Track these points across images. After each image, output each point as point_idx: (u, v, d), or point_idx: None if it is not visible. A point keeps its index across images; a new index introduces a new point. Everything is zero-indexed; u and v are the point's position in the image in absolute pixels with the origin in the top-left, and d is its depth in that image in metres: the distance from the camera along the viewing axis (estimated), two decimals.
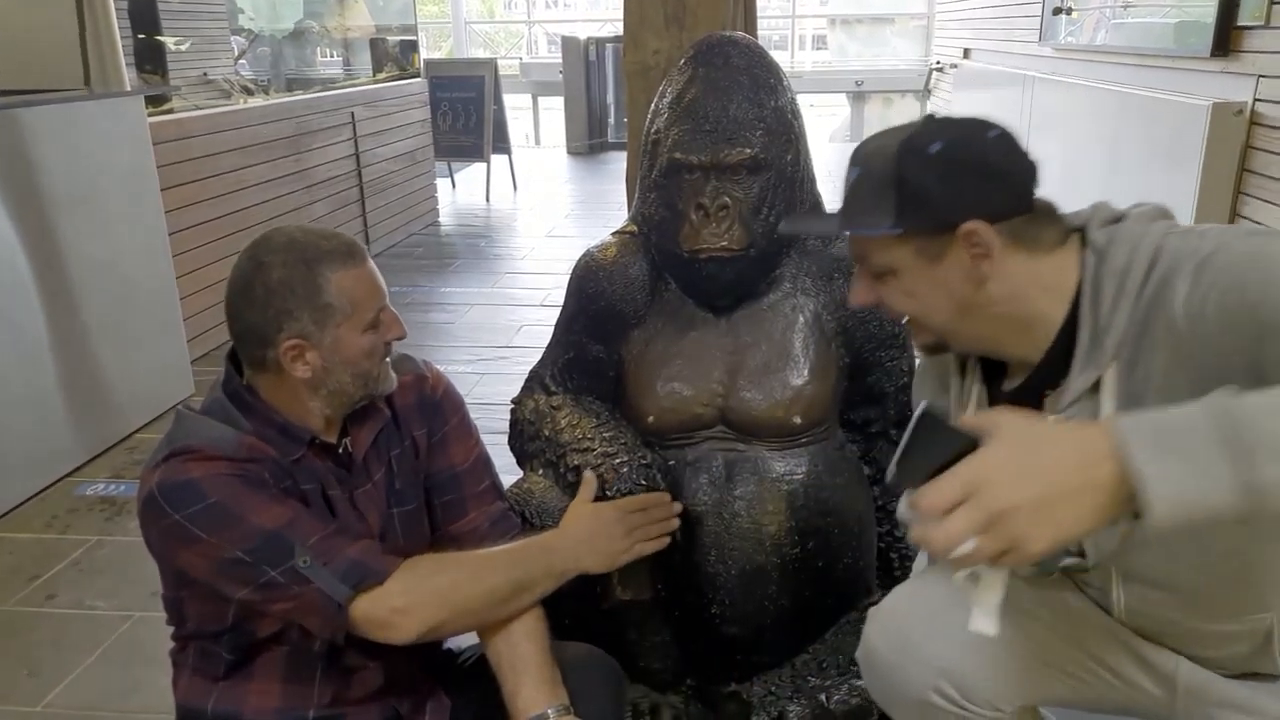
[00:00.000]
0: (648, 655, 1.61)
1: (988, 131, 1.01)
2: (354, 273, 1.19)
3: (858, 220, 1.04)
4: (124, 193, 3.11)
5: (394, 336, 1.24)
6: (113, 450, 3.04)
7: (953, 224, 0.99)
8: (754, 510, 1.52)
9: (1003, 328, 1.05)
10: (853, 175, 1.06)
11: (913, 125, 1.03)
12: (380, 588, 1.14)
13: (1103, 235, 1.02)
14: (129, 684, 1.94)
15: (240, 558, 1.10)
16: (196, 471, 1.11)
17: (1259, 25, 3.56)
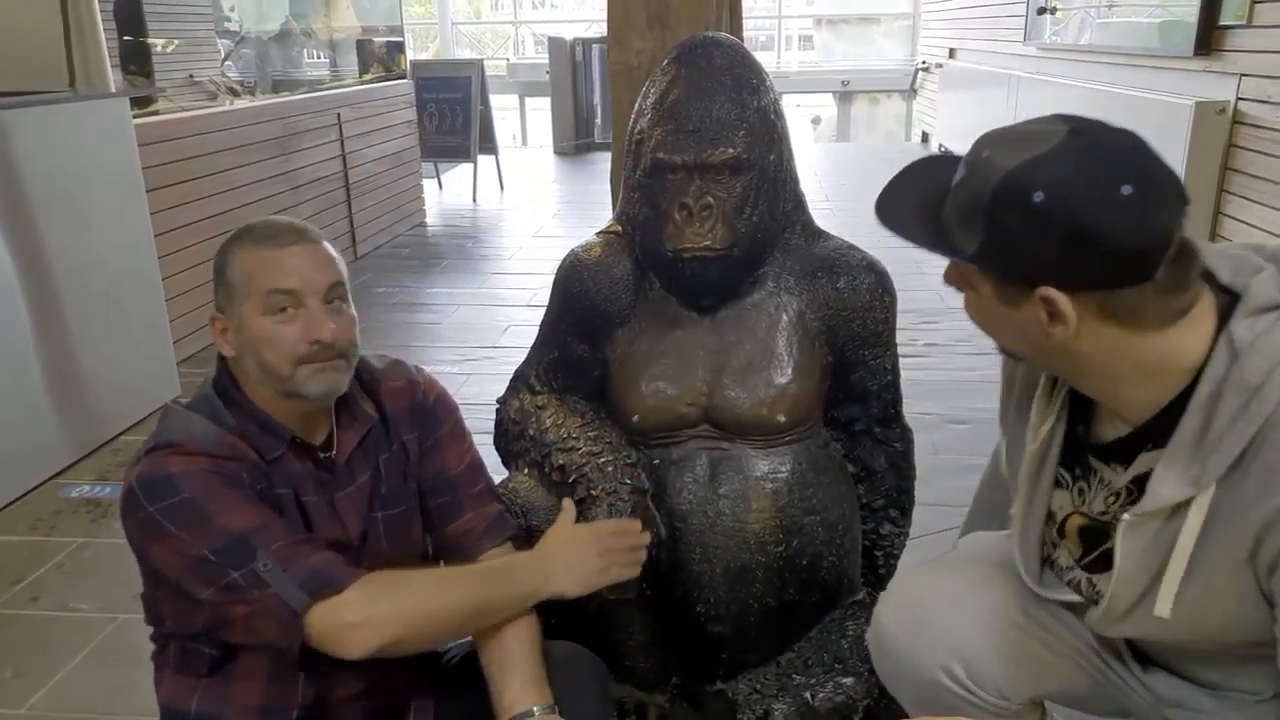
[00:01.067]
0: (633, 654, 1.61)
1: (1120, 187, 0.84)
2: (259, 253, 1.18)
3: (942, 235, 0.96)
4: (109, 194, 3.10)
5: (305, 336, 1.16)
6: (98, 452, 3.03)
7: (1032, 283, 0.90)
8: (738, 509, 1.53)
9: (1088, 378, 0.98)
10: (961, 173, 0.95)
11: (1045, 140, 0.88)
12: (338, 597, 1.11)
13: (1248, 331, 0.89)
14: (114, 686, 1.93)
15: (206, 556, 1.09)
16: (174, 467, 1.11)
17: (1241, 25, 3.59)
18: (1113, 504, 1.04)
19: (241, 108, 4.55)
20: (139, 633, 2.06)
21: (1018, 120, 0.95)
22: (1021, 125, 0.94)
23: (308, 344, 1.16)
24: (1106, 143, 0.88)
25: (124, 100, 3.21)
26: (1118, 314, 0.89)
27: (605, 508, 1.48)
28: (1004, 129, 0.95)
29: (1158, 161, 0.88)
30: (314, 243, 1.20)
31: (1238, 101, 3.61)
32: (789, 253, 1.59)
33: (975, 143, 0.96)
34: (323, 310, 1.18)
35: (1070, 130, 0.88)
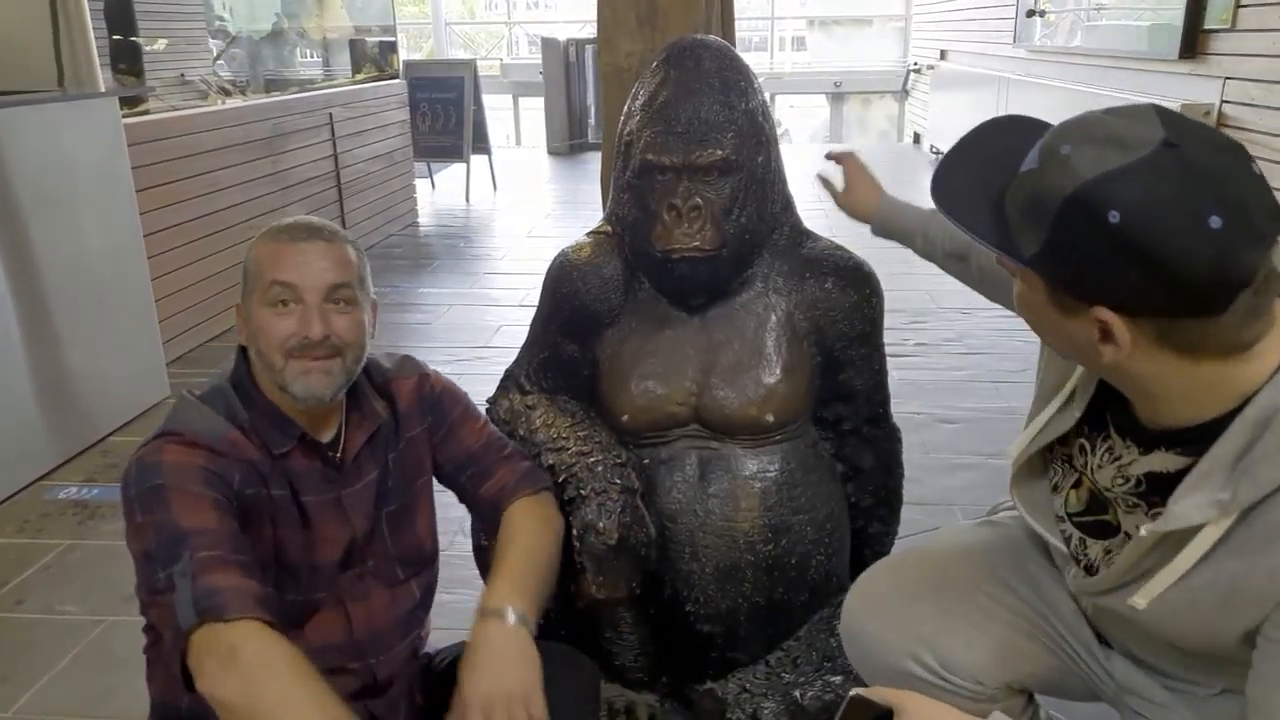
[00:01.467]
0: (623, 653, 1.62)
1: (1208, 219, 0.77)
2: (272, 246, 1.20)
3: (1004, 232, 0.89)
4: (98, 194, 3.09)
5: (295, 332, 1.16)
6: (86, 454, 3.01)
7: (1089, 300, 0.85)
8: (727, 508, 1.54)
9: (1127, 387, 0.94)
10: (1033, 162, 0.87)
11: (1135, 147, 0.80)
12: (222, 626, 1.01)
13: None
14: (100, 689, 1.93)
15: (150, 550, 1.07)
16: (169, 455, 1.12)
17: (1224, 29, 3.62)
18: (1119, 486, 1.02)
19: (232, 107, 4.54)
20: (126, 636, 2.07)
21: None
22: (1113, 119, 0.84)
23: (297, 339, 1.17)
24: (1202, 162, 0.79)
25: (113, 100, 3.20)
26: (1177, 343, 0.84)
27: (595, 507, 1.48)
28: (1094, 119, 0.85)
29: (1256, 187, 0.80)
30: (328, 242, 1.21)
31: (1222, 104, 3.64)
32: (777, 253, 1.60)
33: (1058, 130, 0.87)
34: (320, 308, 1.18)
35: (1165, 141, 0.79)
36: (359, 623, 1.28)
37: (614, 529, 1.47)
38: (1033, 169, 0.86)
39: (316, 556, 1.25)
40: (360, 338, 1.23)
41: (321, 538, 1.25)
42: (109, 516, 2.62)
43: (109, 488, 2.78)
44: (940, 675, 1.24)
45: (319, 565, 1.26)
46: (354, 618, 1.28)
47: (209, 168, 4.05)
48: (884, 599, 1.31)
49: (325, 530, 1.25)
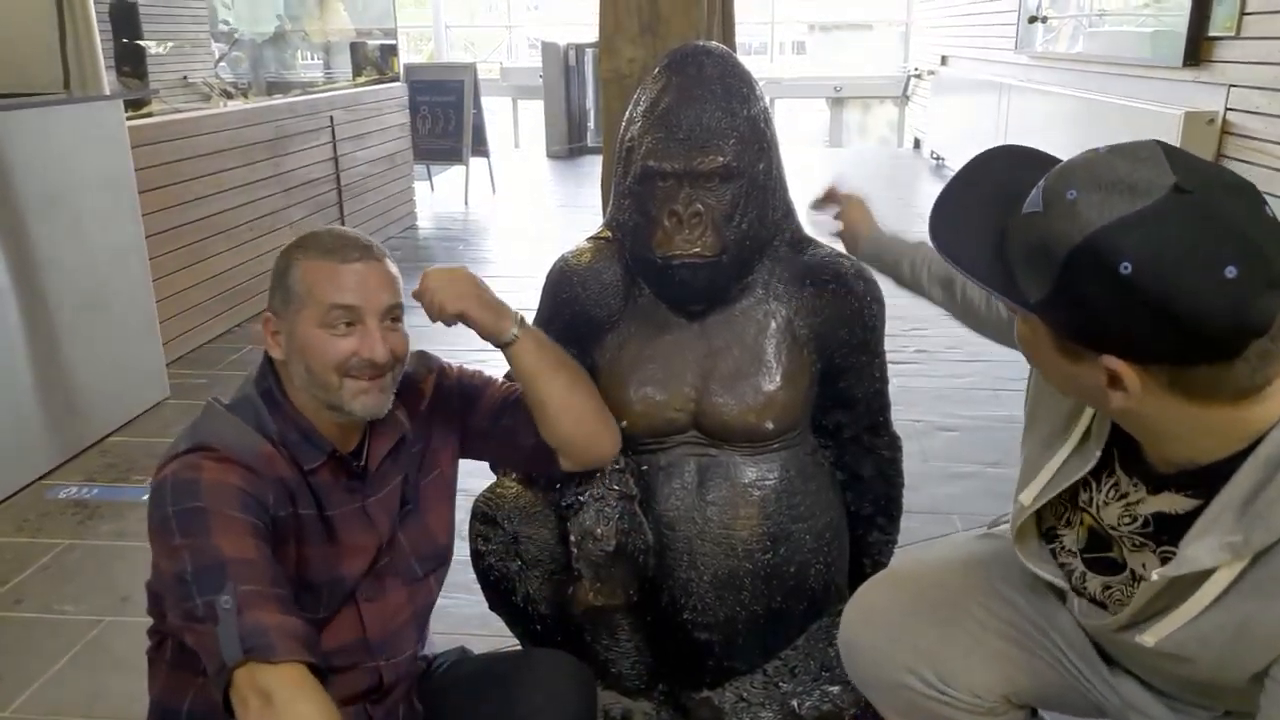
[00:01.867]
0: (619, 661, 1.61)
1: (1224, 268, 0.75)
2: (324, 265, 1.20)
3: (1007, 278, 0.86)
4: (101, 196, 3.09)
5: (358, 352, 1.18)
6: (85, 454, 3.01)
7: (1097, 349, 0.83)
8: (726, 515, 1.53)
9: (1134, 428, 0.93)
10: (1036, 205, 0.84)
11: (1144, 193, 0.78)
12: (268, 667, 1.02)
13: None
14: (97, 689, 1.92)
15: (185, 574, 1.07)
16: (207, 473, 1.12)
17: (1229, 36, 3.62)
18: (1126, 524, 1.01)
19: (234, 110, 4.55)
20: (124, 636, 2.07)
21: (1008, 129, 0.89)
22: (1120, 161, 0.81)
23: (359, 358, 1.19)
24: (1215, 208, 0.77)
25: (117, 102, 3.21)
26: (1187, 388, 0.82)
27: (592, 513, 1.48)
28: (1100, 161, 0.83)
29: (1272, 230, 0.78)
30: (378, 260, 1.23)
31: (1226, 112, 3.64)
32: (778, 260, 1.60)
33: (1062, 171, 0.85)
34: (379, 329, 1.20)
35: (1176, 187, 0.77)
36: (373, 623, 1.29)
37: (611, 535, 1.47)
38: (1036, 212, 0.84)
39: (342, 569, 1.26)
40: (406, 352, 1.27)
41: (348, 549, 1.26)
42: (108, 516, 2.62)
43: (108, 488, 2.78)
44: (937, 689, 1.23)
45: (344, 577, 1.26)
46: (367, 618, 1.29)
47: (211, 170, 4.06)
48: (881, 612, 1.30)
49: (351, 541, 1.26)
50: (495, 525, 1.58)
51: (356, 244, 1.23)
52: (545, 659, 1.42)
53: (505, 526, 1.57)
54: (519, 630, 1.68)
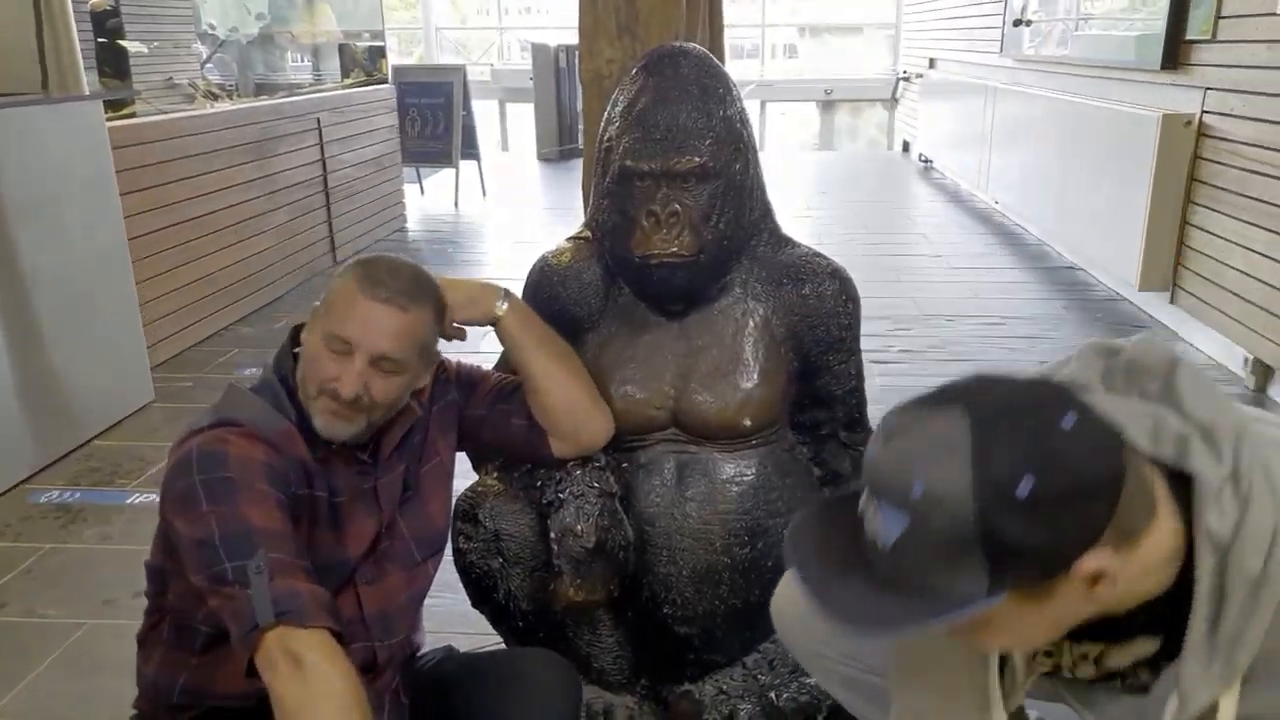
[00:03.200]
0: (601, 656, 1.63)
1: (1061, 421, 0.79)
2: (351, 290, 1.24)
3: (938, 599, 0.81)
4: (82, 198, 3.08)
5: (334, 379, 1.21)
6: (68, 458, 3.00)
7: (1065, 566, 0.81)
8: (705, 511, 1.55)
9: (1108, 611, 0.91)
10: (895, 529, 0.81)
11: (958, 440, 0.79)
12: (299, 630, 1.06)
13: (1224, 526, 0.85)
14: (79, 693, 1.92)
15: (213, 539, 1.10)
16: (234, 447, 1.17)
17: (1205, 39, 3.65)
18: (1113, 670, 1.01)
19: (219, 111, 4.54)
20: (107, 639, 2.07)
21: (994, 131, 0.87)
22: (910, 436, 0.83)
23: (334, 386, 1.21)
24: (1004, 399, 0.82)
25: (97, 103, 3.20)
26: (1128, 534, 0.82)
27: (573, 510, 1.50)
28: (899, 452, 0.83)
29: (1037, 380, 0.86)
30: (401, 310, 1.23)
31: (1203, 114, 3.67)
32: (756, 259, 1.61)
33: (885, 486, 0.83)
34: (363, 369, 1.21)
35: (965, 413, 0.80)
36: (371, 605, 1.32)
37: (592, 532, 1.48)
38: (905, 531, 0.81)
39: (345, 552, 1.30)
40: (394, 399, 1.28)
41: (352, 532, 1.30)
42: (91, 520, 2.62)
43: (92, 491, 2.78)
44: (856, 665, 1.28)
45: (346, 560, 1.30)
46: (365, 599, 1.32)
47: (196, 171, 4.05)
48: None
49: (356, 524, 1.31)
50: (476, 523, 1.58)
51: (393, 285, 1.24)
52: (531, 658, 1.44)
53: (486, 524, 1.58)
54: (502, 627, 1.69)
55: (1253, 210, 3.32)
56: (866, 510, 0.85)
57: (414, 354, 1.27)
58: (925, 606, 0.82)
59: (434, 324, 1.31)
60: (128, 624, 2.11)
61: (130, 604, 2.19)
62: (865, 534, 0.85)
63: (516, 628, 1.64)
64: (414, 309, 1.25)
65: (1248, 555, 0.84)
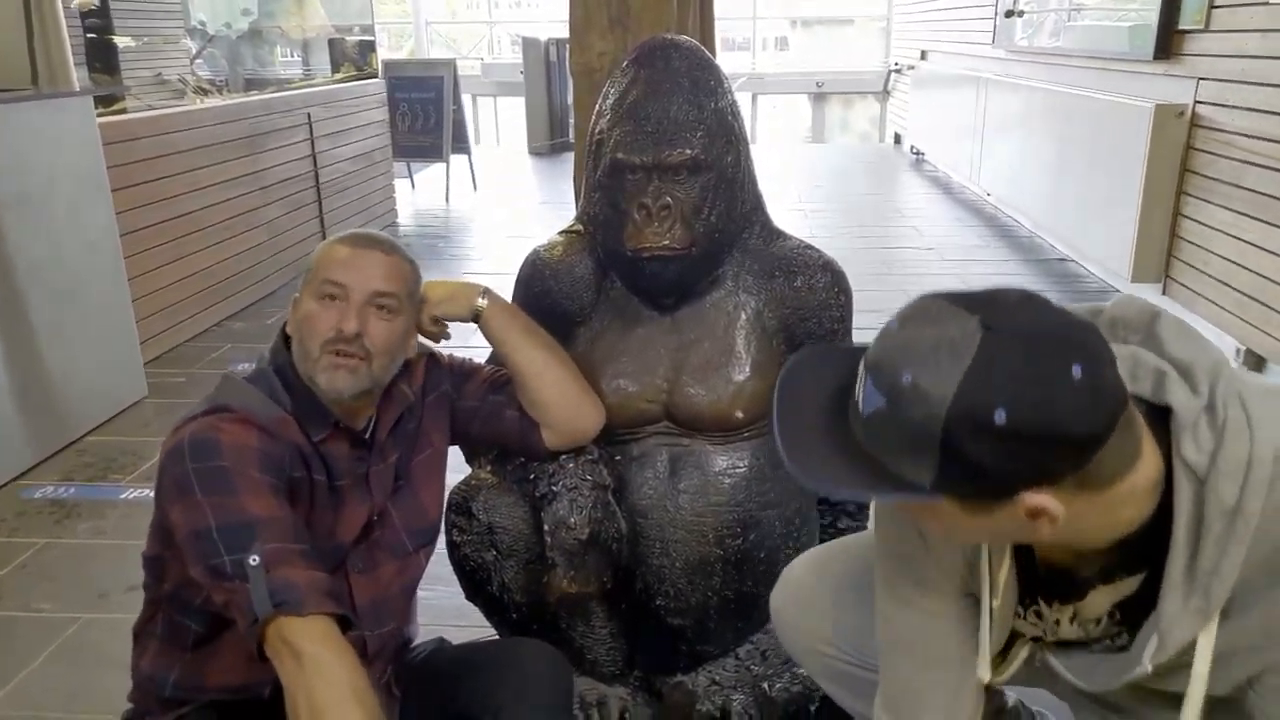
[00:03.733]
0: (594, 647, 1.63)
1: (1071, 370, 0.78)
2: (334, 247, 1.30)
3: (886, 478, 0.85)
4: (73, 194, 3.07)
5: (335, 324, 1.23)
6: (62, 453, 3.00)
7: (1009, 494, 0.83)
8: (697, 503, 1.55)
9: (1062, 546, 0.95)
10: (872, 405, 0.84)
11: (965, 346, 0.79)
12: (296, 619, 1.07)
13: (1201, 456, 0.87)
14: (75, 687, 1.93)
15: (211, 531, 1.11)
16: (226, 434, 1.17)
17: (1199, 29, 3.65)
18: (1093, 629, 1.03)
19: (209, 107, 4.52)
20: (101, 634, 2.07)
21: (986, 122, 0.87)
22: (922, 330, 0.83)
23: (335, 331, 1.24)
24: (1026, 326, 0.81)
25: (88, 99, 3.19)
26: (1094, 483, 0.84)
27: (566, 503, 1.50)
28: (906, 338, 0.84)
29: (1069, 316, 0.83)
30: (385, 253, 1.30)
31: (1195, 105, 3.68)
32: (747, 252, 1.62)
33: (879, 361, 0.85)
34: (362, 310, 1.25)
35: (983, 325, 0.80)
36: (362, 593, 1.33)
37: (585, 524, 1.49)
38: (880, 409, 0.84)
39: (338, 536, 1.31)
40: (392, 346, 1.30)
41: (346, 517, 1.32)
42: (85, 515, 2.61)
43: (85, 486, 2.78)
44: (855, 661, 1.29)
45: (338, 545, 1.31)
46: (356, 588, 1.33)
47: (187, 167, 4.04)
48: (808, 589, 1.36)
49: (350, 509, 1.32)
50: (470, 516, 1.59)
51: (374, 238, 1.32)
52: (521, 647, 1.44)
53: (480, 517, 1.58)
54: (495, 619, 1.69)
55: (1246, 201, 3.33)
56: (861, 374, 0.87)
57: (405, 294, 1.31)
58: (873, 480, 0.85)
59: (415, 276, 1.36)
60: (122, 618, 2.10)
61: (124, 599, 2.19)
62: (854, 392, 0.88)
63: (510, 620, 1.65)
64: (395, 255, 1.32)
65: (1224, 485, 0.85)
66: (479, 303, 1.47)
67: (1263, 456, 0.85)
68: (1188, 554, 0.88)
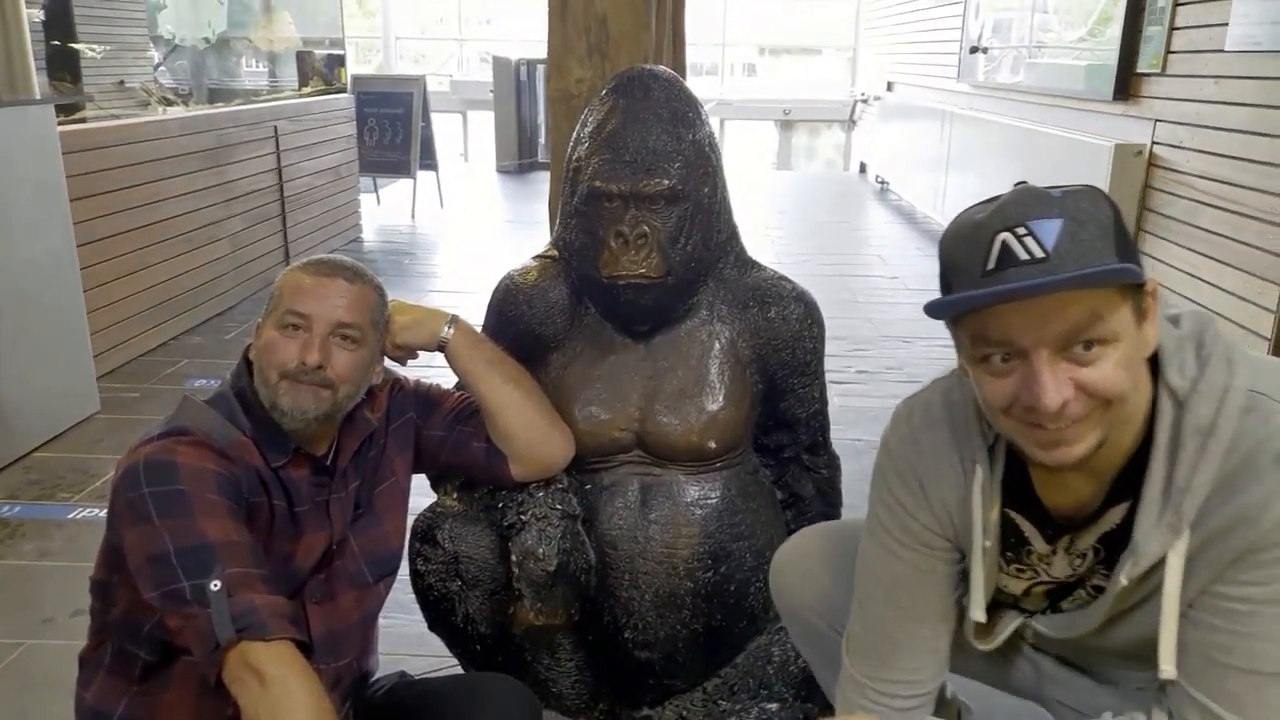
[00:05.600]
0: (560, 680, 1.61)
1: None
2: (297, 276, 1.28)
3: (1098, 271, 0.86)
4: (30, 202, 3.00)
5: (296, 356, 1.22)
6: (8, 470, 2.91)
7: (1143, 282, 0.90)
8: (668, 535, 1.54)
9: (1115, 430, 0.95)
10: (1050, 226, 0.87)
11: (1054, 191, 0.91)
12: (260, 644, 1.06)
13: (1183, 382, 0.93)
14: (18, 713, 1.86)
15: (169, 555, 1.08)
16: (182, 456, 1.15)
17: (1155, 73, 3.75)
18: (1080, 565, 1.07)
19: (173, 117, 4.45)
20: (46, 659, 2.00)
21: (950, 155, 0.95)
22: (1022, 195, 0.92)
23: (296, 363, 1.22)
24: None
25: (49, 107, 3.13)
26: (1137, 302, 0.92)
27: (534, 533, 1.48)
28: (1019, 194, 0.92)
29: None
30: (348, 282, 1.28)
31: (1153, 145, 3.77)
32: (722, 282, 1.62)
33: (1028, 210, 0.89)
34: (325, 341, 1.24)
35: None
36: (318, 624, 1.30)
37: (553, 555, 1.47)
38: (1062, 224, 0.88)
39: (295, 563, 1.28)
40: (355, 376, 1.28)
41: (304, 545, 1.29)
42: (31, 535, 2.53)
43: (32, 505, 2.69)
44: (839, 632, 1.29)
45: (295, 572, 1.28)
46: (313, 619, 1.29)
47: (149, 178, 3.97)
48: (808, 558, 1.39)
49: (309, 537, 1.29)
50: (435, 545, 1.56)
51: (339, 266, 1.29)
52: (489, 682, 1.42)
53: (445, 546, 1.56)
54: (458, 650, 1.66)
55: (1200, 240, 3.41)
56: (1004, 245, 0.88)
57: (369, 324, 1.29)
58: (1092, 272, 0.86)
59: (380, 303, 1.34)
60: (67, 644, 2.04)
61: (70, 624, 2.12)
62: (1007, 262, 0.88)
63: (474, 651, 1.62)
64: (360, 283, 1.29)
65: (1201, 406, 0.91)
66: (444, 333, 1.44)
67: (1239, 386, 0.91)
68: (1165, 472, 0.93)
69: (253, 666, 1.04)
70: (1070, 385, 0.89)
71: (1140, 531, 0.95)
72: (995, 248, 0.88)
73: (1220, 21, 3.28)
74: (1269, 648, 0.91)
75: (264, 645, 1.05)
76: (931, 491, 1.10)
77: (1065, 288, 0.86)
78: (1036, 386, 0.88)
